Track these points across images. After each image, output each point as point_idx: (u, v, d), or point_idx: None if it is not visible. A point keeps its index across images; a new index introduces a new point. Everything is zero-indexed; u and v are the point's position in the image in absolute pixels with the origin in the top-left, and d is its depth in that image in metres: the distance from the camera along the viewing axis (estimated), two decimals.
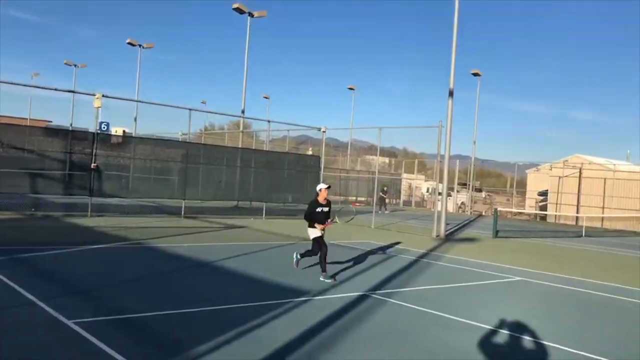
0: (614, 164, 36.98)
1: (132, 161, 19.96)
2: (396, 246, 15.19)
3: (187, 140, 24.01)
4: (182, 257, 10.99)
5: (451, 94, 19.64)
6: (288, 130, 26.01)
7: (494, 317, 7.37)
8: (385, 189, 34.61)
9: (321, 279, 9.21)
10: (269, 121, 25.68)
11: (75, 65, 50.00)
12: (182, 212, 19.74)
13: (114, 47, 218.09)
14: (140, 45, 40.79)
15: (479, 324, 6.98)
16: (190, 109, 20.96)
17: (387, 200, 34.29)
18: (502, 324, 7.06)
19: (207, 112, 27.15)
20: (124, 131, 31.64)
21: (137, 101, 25.33)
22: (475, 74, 41.29)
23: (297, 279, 9.22)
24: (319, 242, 9.59)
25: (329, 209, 9.79)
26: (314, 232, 9.67)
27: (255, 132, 33.66)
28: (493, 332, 6.65)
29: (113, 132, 23.01)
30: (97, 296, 7.28)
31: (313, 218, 9.61)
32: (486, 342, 6.22)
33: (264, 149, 27.87)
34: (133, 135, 30.48)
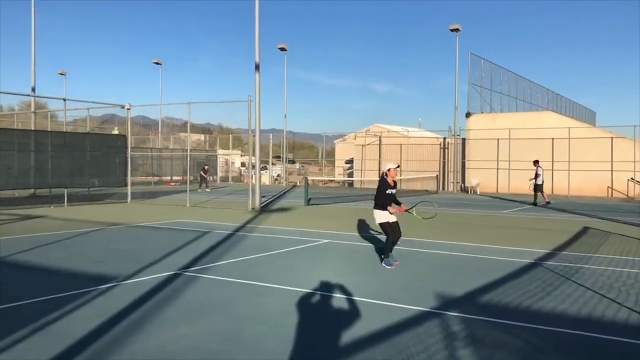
0: (408, 131, 40.99)
1: None
2: (210, 222, 15.14)
3: None
4: None
5: (257, 67, 19.88)
6: (88, 109, 24.09)
7: (304, 280, 7.77)
8: (206, 167, 34.45)
9: (383, 264, 8.88)
10: (64, 99, 23.57)
11: None
12: None
13: None
14: None
15: (290, 288, 7.30)
16: None
17: (207, 179, 34.21)
18: (313, 285, 7.47)
19: None
20: None
21: None
22: (282, 49, 42.25)
23: (103, 266, 8.72)
24: (390, 226, 8.96)
25: (396, 191, 9.15)
26: (384, 216, 8.96)
27: (52, 113, 30.50)
28: (305, 294, 7.00)
29: None
30: None
31: (384, 201, 8.89)
32: (299, 304, 6.54)
33: (63, 130, 25.54)
34: None
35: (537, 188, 23.11)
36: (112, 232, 13.27)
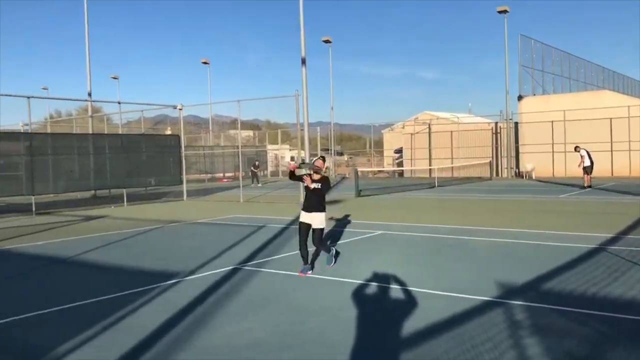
0: (458, 117, 40.28)
1: None
2: (264, 216, 15.36)
3: (30, 131, 22.04)
4: (37, 256, 10.20)
5: (304, 62, 19.97)
6: (142, 111, 24.84)
7: (361, 271, 7.80)
8: (257, 163, 35.18)
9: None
10: (119, 102, 24.38)
11: None
12: (34, 209, 18.22)
13: None
14: None
15: (347, 280, 7.35)
16: (29, 97, 19.18)
17: (258, 174, 34.93)
18: (369, 276, 7.50)
19: (48, 98, 25.01)
20: None
21: None
22: (326, 41, 42.24)
23: (166, 263, 9.01)
24: (303, 227, 8.19)
25: (323, 186, 8.14)
26: (302, 216, 8.24)
27: (107, 116, 31.67)
28: (361, 285, 7.04)
29: None
30: None
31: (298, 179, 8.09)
32: (355, 295, 6.59)
33: (119, 132, 26.44)
34: None
35: (585, 170, 22.75)
36: (171, 229, 13.67)
